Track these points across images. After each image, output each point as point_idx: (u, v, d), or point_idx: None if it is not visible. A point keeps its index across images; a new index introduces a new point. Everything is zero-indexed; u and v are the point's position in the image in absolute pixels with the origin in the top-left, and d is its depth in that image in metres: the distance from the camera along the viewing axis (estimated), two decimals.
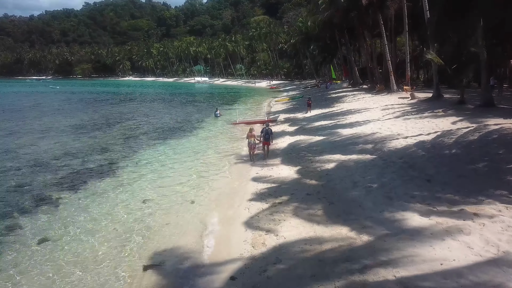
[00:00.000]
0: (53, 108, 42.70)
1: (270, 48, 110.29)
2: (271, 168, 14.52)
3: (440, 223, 7.59)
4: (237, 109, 33.92)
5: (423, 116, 19.64)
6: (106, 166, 16.15)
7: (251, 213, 10.05)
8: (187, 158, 17.50)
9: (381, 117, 21.76)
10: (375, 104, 28.39)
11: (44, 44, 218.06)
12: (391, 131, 17.22)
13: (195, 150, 19.38)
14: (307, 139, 19.45)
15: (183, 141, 22.03)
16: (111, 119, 32.60)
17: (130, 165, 16.32)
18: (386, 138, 15.95)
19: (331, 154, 15.14)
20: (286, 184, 12.24)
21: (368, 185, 10.70)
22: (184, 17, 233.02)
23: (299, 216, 9.36)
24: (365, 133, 17.82)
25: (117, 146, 20.43)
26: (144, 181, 13.94)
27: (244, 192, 11.99)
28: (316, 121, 25.69)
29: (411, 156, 12.81)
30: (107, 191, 12.86)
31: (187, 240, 9.02)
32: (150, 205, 11.45)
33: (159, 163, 16.55)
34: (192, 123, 29.55)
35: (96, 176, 14.73)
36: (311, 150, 16.66)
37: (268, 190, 11.75)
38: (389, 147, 14.60)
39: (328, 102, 36.51)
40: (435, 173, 10.63)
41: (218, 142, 21.80)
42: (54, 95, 68.90)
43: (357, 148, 15.35)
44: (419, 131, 16.28)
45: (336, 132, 19.66)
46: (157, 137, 23.26)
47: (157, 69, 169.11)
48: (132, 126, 28.06)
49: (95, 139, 22.75)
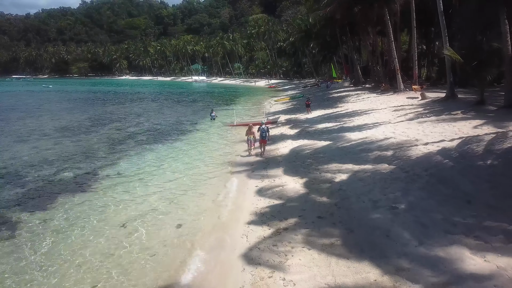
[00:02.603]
0: (40, 109, 40.52)
1: (268, 46, 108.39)
2: (273, 180, 12.59)
3: (502, 268, 5.69)
4: (234, 110, 31.85)
5: (439, 118, 17.74)
6: (83, 177, 14.11)
7: (250, 242, 8.13)
8: (176, 169, 15.32)
9: (392, 119, 19.85)
10: (382, 105, 26.50)
11: (40, 42, 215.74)
12: (407, 135, 15.30)
13: (186, 158, 17.20)
14: (312, 144, 17.52)
15: (173, 147, 19.78)
16: (99, 120, 30.55)
17: (111, 176, 14.23)
18: (403, 144, 14.04)
19: (341, 163, 13.21)
20: (292, 201, 10.31)
21: (392, 206, 8.78)
22: (182, 15, 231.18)
23: (311, 248, 7.44)
24: (377, 138, 15.90)
25: (100, 152, 18.39)
26: (125, 197, 11.89)
27: (242, 211, 10.07)
28: (319, 123, 23.78)
29: (437, 167, 10.88)
30: (78, 212, 10.83)
31: (167, 280, 7.09)
32: (129, 230, 9.44)
33: (143, 175, 14.38)
34: (185, 125, 27.53)
35: (69, 191, 12.68)
36: (317, 157, 14.72)
37: (271, 210, 9.83)
38: (408, 155, 12.69)
39: (331, 102, 34.60)
40: (474, 191, 8.72)
41: (212, 148, 19.68)
42: (45, 94, 66.70)
43: (371, 156, 13.43)
44: (439, 136, 14.37)
45: (344, 136, 17.73)
46: (146, 142, 21.20)
47: (154, 68, 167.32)
48: (121, 129, 26.02)
49: (78, 143, 20.74)
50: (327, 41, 59.20)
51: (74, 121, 29.48)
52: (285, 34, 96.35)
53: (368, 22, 38.71)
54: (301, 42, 74.87)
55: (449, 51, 18.09)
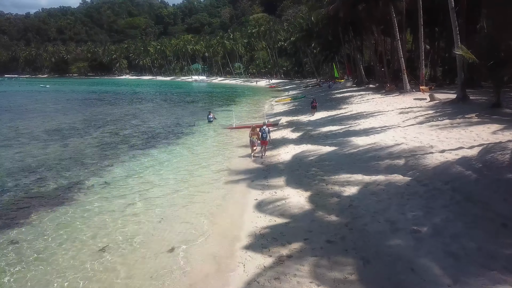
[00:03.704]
0: (32, 110, 39.15)
1: (269, 46, 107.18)
2: (275, 192, 11.35)
3: None
4: (233, 112, 30.49)
5: (454, 122, 16.47)
6: (65, 188, 12.77)
7: (248, 273, 6.91)
8: (167, 179, 13.87)
9: (401, 123, 18.60)
10: (389, 106, 25.24)
11: (40, 42, 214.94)
12: (419, 141, 14.04)
13: (179, 166, 15.77)
14: (316, 149, 16.28)
15: (167, 153, 18.37)
16: (93, 122, 29.26)
17: (95, 187, 12.86)
18: (416, 152, 12.78)
19: (349, 172, 11.97)
20: (296, 219, 9.07)
21: (414, 229, 7.53)
22: (182, 15, 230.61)
23: (320, 284, 6.22)
24: (387, 144, 14.65)
25: (89, 158, 17.10)
26: (107, 215, 10.51)
27: (238, 231, 8.83)
28: (323, 125, 22.53)
29: (460, 180, 9.63)
30: (52, 230, 9.57)
31: None
32: (108, 258, 8.12)
33: (131, 186, 12.99)
34: (182, 128, 26.23)
35: (48, 203, 11.41)
36: (323, 166, 13.47)
37: (272, 230, 8.59)
38: (424, 164, 11.43)
39: (334, 103, 33.33)
40: (509, 211, 7.47)
41: (209, 153, 18.27)
42: (41, 94, 65.42)
43: (382, 165, 12.18)
44: (456, 142, 13.13)
45: (350, 141, 16.48)
46: (138, 146, 19.87)
47: (154, 67, 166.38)
48: (115, 131, 24.73)
49: (66, 148, 19.46)
50: (329, 41, 57.99)
51: (66, 123, 28.20)
52: (286, 33, 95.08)
53: (373, 21, 37.44)
54: (302, 42, 73.71)
55: (462, 50, 16.79)
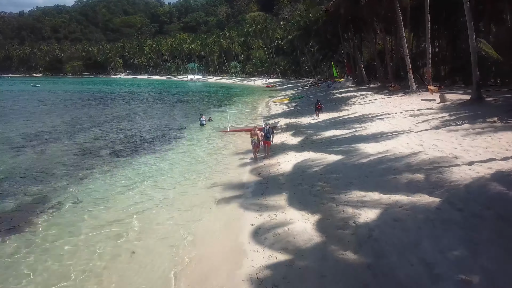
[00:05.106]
0: (15, 111, 36.98)
1: (266, 45, 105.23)
2: (274, 214, 9.48)
3: None
4: (228, 113, 28.39)
5: (475, 127, 14.66)
6: (26, 208, 10.88)
7: None
8: (148, 194, 11.95)
9: (413, 127, 16.77)
10: (395, 108, 23.44)
11: (34, 41, 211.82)
12: (440, 150, 12.19)
13: (164, 178, 13.85)
14: (320, 158, 14.40)
15: (152, 162, 16.32)
16: (77, 125, 27.24)
17: (60, 210, 10.81)
18: (439, 163, 10.94)
19: (363, 189, 10.11)
20: (303, 256, 7.19)
21: (462, 278, 5.68)
22: (178, 13, 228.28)
23: None
24: (402, 153, 12.78)
25: (64, 167, 15.17)
26: (67, 244, 8.66)
27: (231, 277, 6.93)
28: (325, 129, 20.69)
29: (503, 203, 7.80)
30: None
31: None
32: None
33: (103, 206, 11.05)
34: (173, 131, 24.28)
35: (6, 225, 9.57)
36: (330, 179, 11.59)
37: (272, 273, 6.73)
38: (452, 180, 9.60)
39: (335, 104, 31.48)
40: None
41: (199, 162, 16.25)
42: (29, 94, 63.08)
43: (400, 179, 10.32)
44: (485, 152, 11.32)
45: (358, 148, 14.62)
46: (122, 153, 17.93)
47: (150, 66, 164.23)
48: (99, 136, 22.74)
49: (41, 155, 17.52)
50: (328, 39, 56.16)
51: (48, 126, 26.19)
52: (283, 32, 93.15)
53: (375, 17, 35.69)
54: (299, 40, 71.80)
55: (485, 46, 15.00)
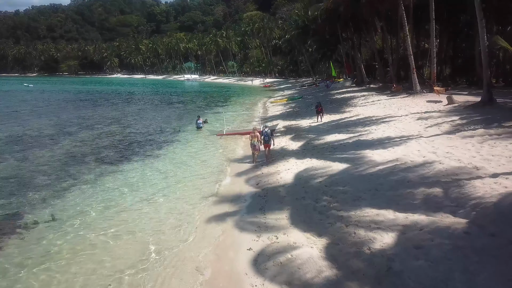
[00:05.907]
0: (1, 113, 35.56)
1: (263, 44, 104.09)
2: (275, 237, 8.26)
3: None
4: (224, 115, 27.10)
5: (492, 133, 13.51)
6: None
7: None
8: (132, 210, 10.72)
9: (423, 132, 15.61)
10: (400, 110, 22.31)
11: (29, 40, 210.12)
12: (457, 159, 11.00)
13: (152, 189, 12.60)
14: (323, 166, 13.19)
15: (141, 170, 15.02)
16: (66, 127, 25.90)
17: (34, 228, 9.60)
18: (458, 175, 9.74)
19: (375, 206, 8.91)
20: None
21: None
22: (175, 12, 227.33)
23: None
24: (413, 161, 11.58)
25: (45, 176, 13.90)
26: (43, 272, 7.47)
27: None
28: (327, 132, 19.50)
29: None
30: None
31: None
32: None
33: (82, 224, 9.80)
34: (166, 134, 23.04)
35: None
36: (336, 192, 10.38)
37: None
38: (476, 196, 8.39)
39: (336, 106, 30.32)
40: None
41: (191, 172, 14.92)
42: (20, 94, 61.52)
43: (416, 194, 9.11)
44: (509, 162, 10.17)
45: (364, 156, 13.41)
46: (110, 160, 16.65)
47: (146, 66, 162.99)
48: (87, 140, 21.46)
49: (22, 162, 16.22)
50: (326, 38, 55.02)
51: (34, 129, 24.85)
52: (280, 31, 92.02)
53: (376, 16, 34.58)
54: (297, 40, 70.60)
55: (502, 42, 13.82)
